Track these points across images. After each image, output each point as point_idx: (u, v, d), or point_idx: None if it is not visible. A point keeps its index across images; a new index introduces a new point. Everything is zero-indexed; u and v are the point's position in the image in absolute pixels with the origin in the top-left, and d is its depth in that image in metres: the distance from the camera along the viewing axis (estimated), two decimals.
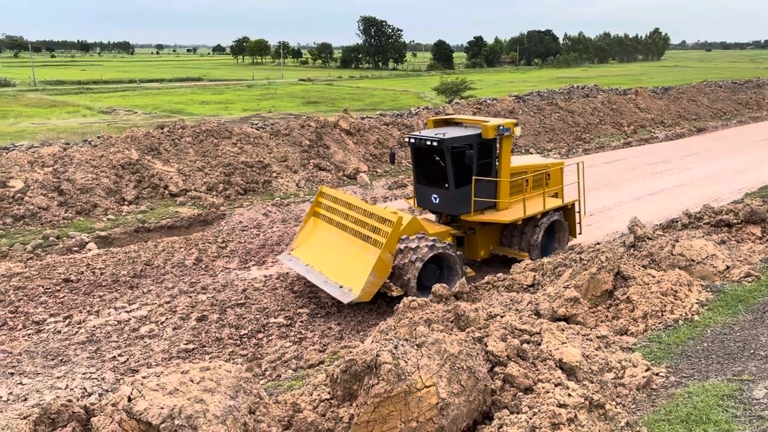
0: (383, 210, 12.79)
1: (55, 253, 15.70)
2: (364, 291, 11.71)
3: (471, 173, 13.43)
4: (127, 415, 4.11)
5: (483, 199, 13.74)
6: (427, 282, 12.59)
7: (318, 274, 12.78)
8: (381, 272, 11.92)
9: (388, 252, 12.00)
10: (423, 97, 56.14)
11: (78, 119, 39.81)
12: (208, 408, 4.27)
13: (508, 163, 14.03)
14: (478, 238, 14.29)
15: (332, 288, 12.23)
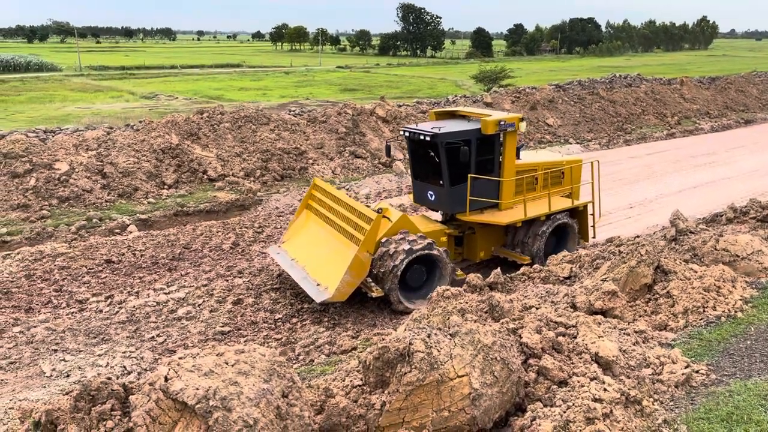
0: (365, 207, 12.19)
1: (97, 234, 16.11)
2: (339, 291, 11.21)
3: (467, 170, 12.70)
4: (164, 394, 4.18)
5: (480, 198, 12.97)
6: (413, 283, 12.08)
7: (300, 269, 12.32)
8: (357, 272, 11.42)
9: (365, 251, 11.48)
10: (461, 85, 55.62)
11: (121, 104, 40.66)
12: (242, 390, 4.32)
13: (512, 160, 13.26)
14: (477, 239, 13.55)
15: (309, 285, 11.73)
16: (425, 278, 12.24)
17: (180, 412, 4.17)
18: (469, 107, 15.92)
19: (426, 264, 12.13)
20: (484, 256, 13.70)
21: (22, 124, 26.86)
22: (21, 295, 12.66)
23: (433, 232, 12.92)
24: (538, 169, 13.87)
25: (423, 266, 12.11)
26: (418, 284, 12.23)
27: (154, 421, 4.16)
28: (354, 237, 11.80)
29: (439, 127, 12.78)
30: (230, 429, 4.08)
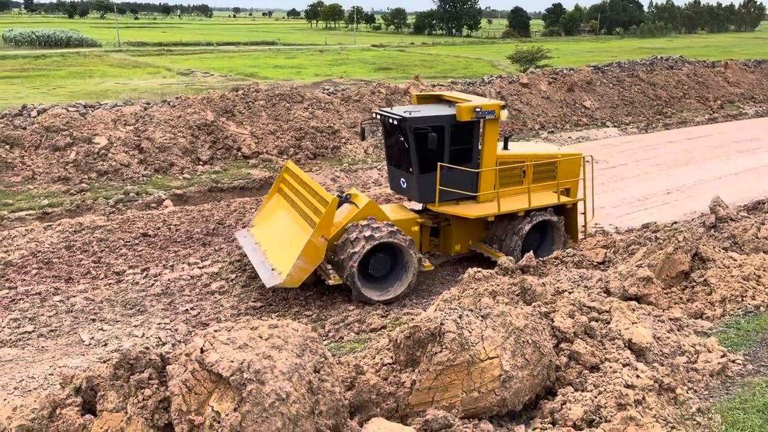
0: (324, 190, 11.62)
1: (134, 208, 16.45)
2: (291, 276, 10.78)
3: (438, 158, 12.01)
4: (200, 365, 4.28)
5: (452, 189, 12.26)
6: (376, 272, 11.65)
7: (261, 253, 11.97)
8: (311, 257, 10.93)
9: (320, 236, 10.96)
10: (497, 66, 54.82)
11: (158, 80, 41.17)
12: (275, 364, 4.38)
13: (492, 150, 12.47)
14: (452, 231, 12.81)
15: (264, 270, 11.35)
16: (389, 268, 11.78)
17: (215, 384, 4.26)
18: (455, 92, 14.64)
19: (391, 254, 11.67)
20: (460, 250, 13.01)
21: (63, 99, 27.43)
22: (61, 266, 13.04)
23: (404, 221, 12.30)
24: (526, 161, 13.02)
25: (387, 256, 11.65)
26: (381, 274, 11.73)
27: (189, 391, 4.26)
28: (313, 221, 11.35)
29: (411, 111, 12.15)
30: (263, 401, 4.15)
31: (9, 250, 13.67)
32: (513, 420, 5.17)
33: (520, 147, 14.16)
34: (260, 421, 4.10)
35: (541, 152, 13.56)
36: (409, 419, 5.02)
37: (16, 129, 18.47)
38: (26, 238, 14.37)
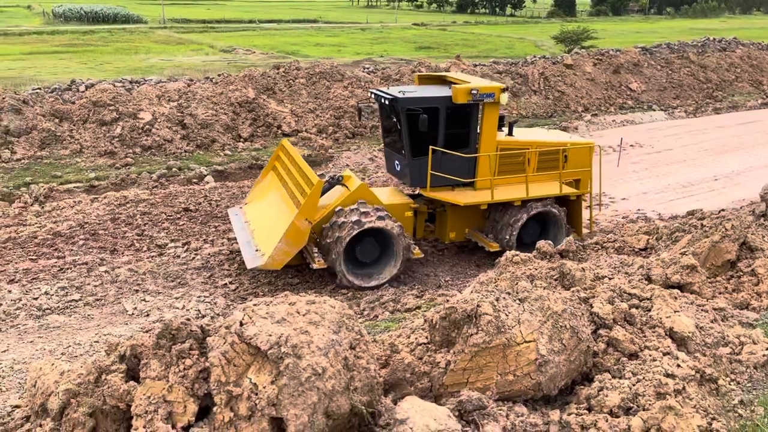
0: (312, 171, 11.41)
1: (176, 183, 16.79)
2: (272, 258, 10.69)
3: (431, 141, 11.65)
4: (239, 338, 4.36)
5: (445, 175, 11.88)
6: (363, 258, 11.50)
7: (249, 233, 11.85)
8: (294, 240, 10.79)
9: (303, 218, 10.77)
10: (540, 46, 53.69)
11: (201, 57, 41.63)
12: (312, 340, 4.44)
13: (491, 135, 12.04)
14: (447, 218, 12.50)
15: (249, 250, 11.27)
16: (378, 254, 11.58)
17: (253, 356, 4.34)
18: (460, 74, 14.01)
19: (380, 239, 11.45)
20: (455, 237, 12.67)
21: (109, 74, 28.01)
22: (107, 237, 13.43)
23: (397, 205, 12.02)
24: (530, 149, 12.57)
25: (376, 241, 11.42)
26: (370, 259, 11.54)
27: (228, 362, 4.35)
28: (299, 203, 11.16)
29: (406, 91, 11.84)
30: (300, 375, 4.22)
31: (58, 220, 14.13)
32: (548, 404, 5.14)
33: (526, 133, 13.65)
34: (296, 394, 4.17)
35: (547, 140, 13.02)
36: (443, 399, 5.03)
37: (65, 103, 18.97)
38: (74, 209, 14.82)
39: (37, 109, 18.21)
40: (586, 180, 13.12)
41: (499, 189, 12.17)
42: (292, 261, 11.36)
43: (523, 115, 25.11)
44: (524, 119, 24.75)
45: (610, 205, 16.21)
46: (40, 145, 17.40)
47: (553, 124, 24.35)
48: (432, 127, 11.46)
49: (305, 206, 10.75)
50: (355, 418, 4.53)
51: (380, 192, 12.73)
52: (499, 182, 12.25)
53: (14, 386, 8.12)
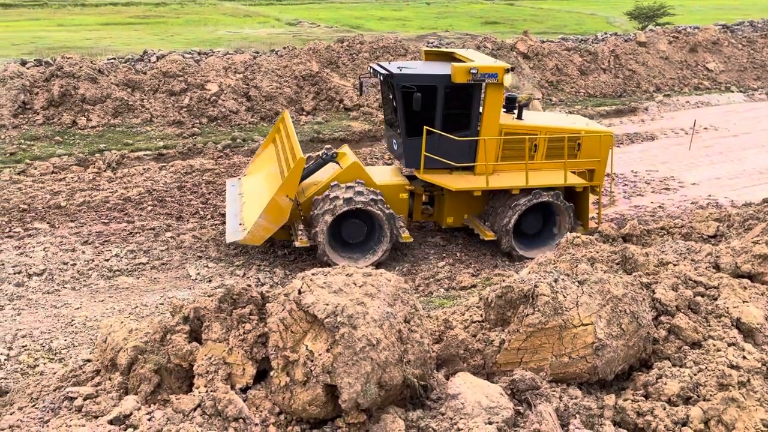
0: (299, 147, 11.12)
1: (240, 153, 17.21)
2: (252, 234, 10.63)
3: (428, 121, 11.23)
4: (297, 305, 4.47)
5: (439, 157, 11.41)
6: (350, 239, 11.34)
7: (239, 206, 11.77)
8: (274, 217, 10.65)
9: (284, 195, 10.57)
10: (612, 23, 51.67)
11: (267, 29, 42.12)
12: (368, 311, 4.50)
13: (494, 117, 11.53)
14: (445, 202, 12.10)
15: (233, 223, 11.22)
16: (365, 235, 11.41)
17: (310, 324, 4.45)
18: (471, 52, 13.21)
19: (368, 220, 11.25)
20: (453, 222, 12.26)
21: (179, 45, 28.76)
22: (173, 204, 13.93)
23: (391, 186, 11.70)
24: (539, 134, 11.93)
25: (363, 222, 11.24)
26: (356, 240, 11.38)
27: (286, 329, 4.48)
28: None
29: (404, 67, 11.51)
30: (354, 345, 4.30)
31: (128, 186, 14.75)
32: (603, 389, 5.06)
33: (537, 118, 12.96)
34: (350, 363, 4.26)
35: (559, 125, 12.36)
36: (496, 377, 5.03)
37: (137, 73, 19.63)
38: (143, 176, 15.43)
39: (111, 78, 18.92)
40: (602, 171, 12.44)
41: (499, 176, 11.73)
42: (281, 236, 11.41)
43: (591, 94, 24.34)
44: (592, 99, 24.00)
45: (678, 190, 15.62)
46: (113, 113, 18.12)
47: (622, 104, 23.52)
48: (429, 106, 11.04)
49: (286, 183, 10.61)
50: (407, 390, 4.59)
51: (377, 171, 12.48)
52: (501, 168, 11.82)
53: (86, 341, 8.62)
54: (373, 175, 11.67)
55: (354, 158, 11.73)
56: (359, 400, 4.23)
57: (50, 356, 8.24)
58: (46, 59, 20.81)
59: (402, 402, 4.63)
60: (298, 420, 4.47)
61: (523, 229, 11.89)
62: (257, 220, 10.59)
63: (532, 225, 11.96)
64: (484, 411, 4.46)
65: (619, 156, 18.12)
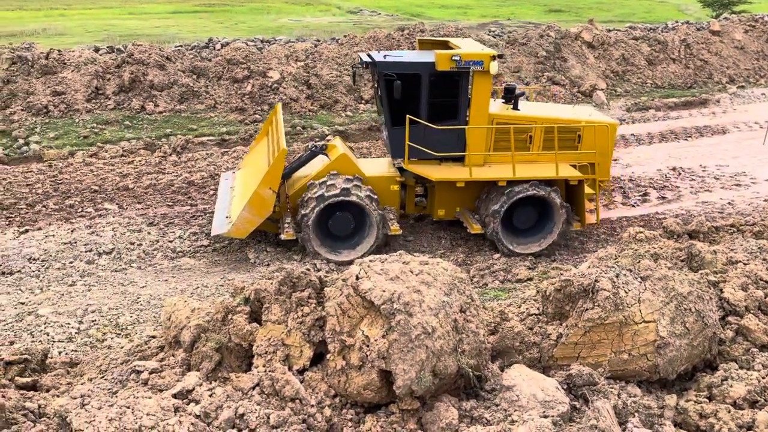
0: (283, 138, 11.04)
1: (300, 141, 17.43)
2: (236, 227, 10.65)
3: (412, 111, 10.97)
4: (354, 291, 4.53)
5: (422, 147, 11.13)
6: (337, 232, 11.24)
7: (229, 199, 11.79)
8: (258, 209, 10.64)
9: (266, 187, 10.55)
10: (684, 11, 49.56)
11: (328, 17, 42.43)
12: (424, 299, 4.52)
13: (482, 106, 11.24)
14: (435, 194, 11.81)
15: (219, 216, 11.25)
16: (353, 228, 11.28)
17: (367, 310, 4.50)
18: (467, 40, 13.00)
19: (357, 212, 11.13)
20: (445, 215, 11.97)
21: (243, 33, 29.32)
22: None
23: (381, 178, 11.57)
24: (535, 125, 11.54)
25: (350, 214, 11.13)
26: (343, 233, 11.29)
27: (344, 313, 4.55)
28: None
29: (389, 55, 11.32)
30: (410, 333, 4.33)
31: (192, 171, 15.21)
32: (664, 388, 4.94)
33: (533, 108, 12.55)
34: (405, 350, 4.29)
35: (556, 116, 11.95)
36: (552, 371, 4.97)
37: (202, 60, 20.14)
38: (206, 161, 15.88)
39: (178, 65, 19.48)
40: (606, 164, 11.92)
41: (490, 167, 11.47)
42: (268, 228, 11.49)
43: (659, 85, 23.49)
44: (659, 90, 23.16)
45: (750, 187, 14.93)
46: (179, 99, 18.66)
47: (692, 95, 22.60)
48: (412, 95, 10.89)
49: (268, 175, 10.64)
50: (461, 380, 4.60)
51: (367, 164, 12.42)
52: (494, 159, 11.52)
53: (150, 319, 8.96)
54: (364, 168, 11.65)
55: (343, 150, 11.65)
56: (413, 387, 4.26)
57: (117, 331, 8.61)
58: (118, 46, 21.60)
59: (456, 391, 4.64)
60: (353, 403, 4.55)
61: (514, 224, 11.60)
62: (241, 213, 10.66)
63: (524, 219, 11.63)
64: (539, 404, 4.42)
65: (688, 150, 17.45)
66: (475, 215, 11.71)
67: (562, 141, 11.51)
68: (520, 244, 11.58)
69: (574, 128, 11.70)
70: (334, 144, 12.10)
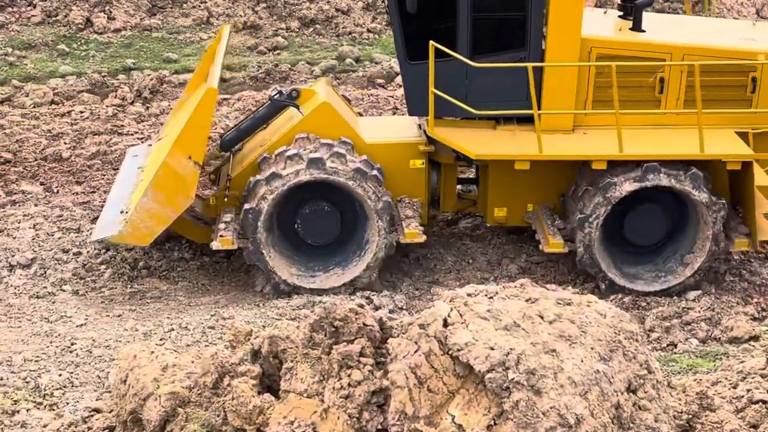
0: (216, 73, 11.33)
1: (349, 83, 17.79)
2: (131, 224, 10.46)
3: (442, 36, 10.87)
4: (440, 346, 4.56)
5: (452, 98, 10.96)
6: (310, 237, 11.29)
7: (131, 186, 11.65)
8: (168, 194, 10.61)
9: (183, 155, 10.62)
10: None
11: None
12: (562, 365, 4.51)
13: (572, 26, 11.00)
14: (488, 180, 11.73)
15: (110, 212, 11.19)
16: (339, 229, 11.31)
17: (461, 379, 4.52)
18: None
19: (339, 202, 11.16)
20: (506, 218, 11.83)
21: None
22: None
23: (392, 147, 11.69)
24: (670, 58, 11.27)
25: (335, 208, 11.20)
26: (322, 239, 11.35)
27: (420, 384, 4.58)
28: None
29: None
30: (536, 424, 4.32)
31: None
32: None
33: (668, 28, 12.33)
34: None
35: (710, 44, 11.59)
36: None
37: None
38: None
39: None
40: None
41: (583, 135, 11.38)
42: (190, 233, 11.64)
43: None
44: None
45: None
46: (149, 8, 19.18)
47: None
48: (442, 10, 11.06)
49: (184, 135, 10.73)
50: None
51: (371, 123, 12.79)
52: (594, 121, 11.39)
53: (92, 379, 9.20)
54: (363, 128, 11.81)
55: (326, 97, 11.65)
56: None
57: (38, 399, 8.86)
58: None
59: None
60: None
61: (627, 237, 11.44)
62: (140, 201, 10.57)
63: (648, 228, 11.44)
64: None
65: None
66: (556, 220, 11.58)
67: (722, 91, 11.27)
68: (635, 274, 11.39)
69: (744, 67, 11.34)
70: (311, 89, 12.16)
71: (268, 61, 18.06)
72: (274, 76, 17.74)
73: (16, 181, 13.87)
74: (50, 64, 17.61)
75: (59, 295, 11.21)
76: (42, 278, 11.49)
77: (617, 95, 10.47)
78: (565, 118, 11.28)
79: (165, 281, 11.62)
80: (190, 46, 18.58)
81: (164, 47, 18.50)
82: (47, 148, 14.79)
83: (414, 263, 12.06)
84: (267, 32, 19.03)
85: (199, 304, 11.02)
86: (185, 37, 18.92)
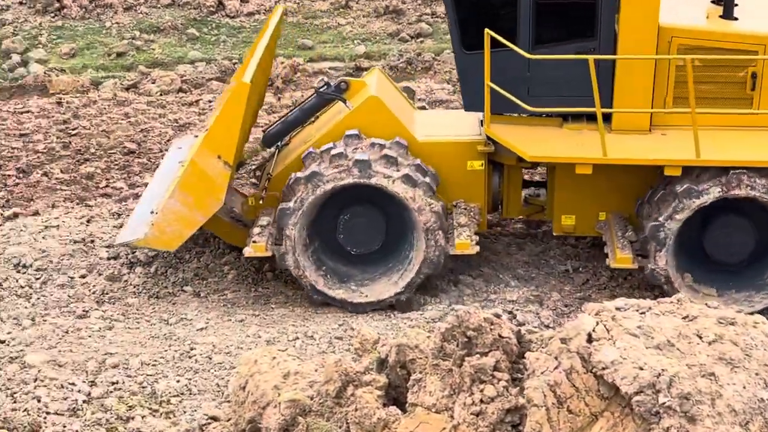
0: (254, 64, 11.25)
1: None
2: (157, 228, 10.69)
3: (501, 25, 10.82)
4: (582, 363, 4.56)
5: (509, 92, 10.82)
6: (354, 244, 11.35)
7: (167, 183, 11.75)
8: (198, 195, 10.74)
9: (213, 155, 10.65)
10: None
11: None
12: (721, 391, 4.45)
13: (648, 13, 10.77)
14: (555, 185, 11.66)
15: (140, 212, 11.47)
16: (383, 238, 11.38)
17: (605, 401, 4.52)
18: None
19: (387, 209, 11.18)
20: (575, 227, 11.78)
21: None
22: None
23: (448, 146, 11.72)
24: (764, 51, 10.86)
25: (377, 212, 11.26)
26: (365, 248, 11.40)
27: (559, 404, 4.59)
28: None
29: None
30: None
31: None
32: None
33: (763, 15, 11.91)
34: None
35: None
36: None
37: None
38: None
39: None
40: None
41: (662, 136, 11.23)
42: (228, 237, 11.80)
43: None
44: None
45: None
46: None
47: None
48: None
49: (214, 132, 10.93)
50: None
51: (428, 119, 12.80)
52: (674, 121, 11.20)
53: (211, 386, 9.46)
54: (417, 125, 11.94)
55: (376, 91, 11.81)
56: None
57: (153, 405, 9.15)
58: None
59: None
60: None
61: (709, 254, 11.27)
62: (167, 203, 10.90)
63: (730, 244, 11.23)
64: None
65: None
66: (628, 231, 11.51)
67: None
68: (718, 294, 11.09)
69: None
70: (361, 81, 12.38)
71: (410, 49, 18.17)
72: (415, 66, 17.84)
73: (140, 173, 14.31)
74: (179, 49, 18.15)
75: (180, 296, 11.55)
76: (162, 277, 11.83)
77: (693, 92, 10.40)
78: (640, 117, 11.29)
79: (290, 286, 11.81)
80: (327, 33, 18.87)
81: (299, 33, 18.84)
82: (173, 138, 15.10)
83: (563, 276, 12.05)
84: (410, 18, 19.17)
85: (326, 312, 11.19)
86: (322, 22, 19.24)
